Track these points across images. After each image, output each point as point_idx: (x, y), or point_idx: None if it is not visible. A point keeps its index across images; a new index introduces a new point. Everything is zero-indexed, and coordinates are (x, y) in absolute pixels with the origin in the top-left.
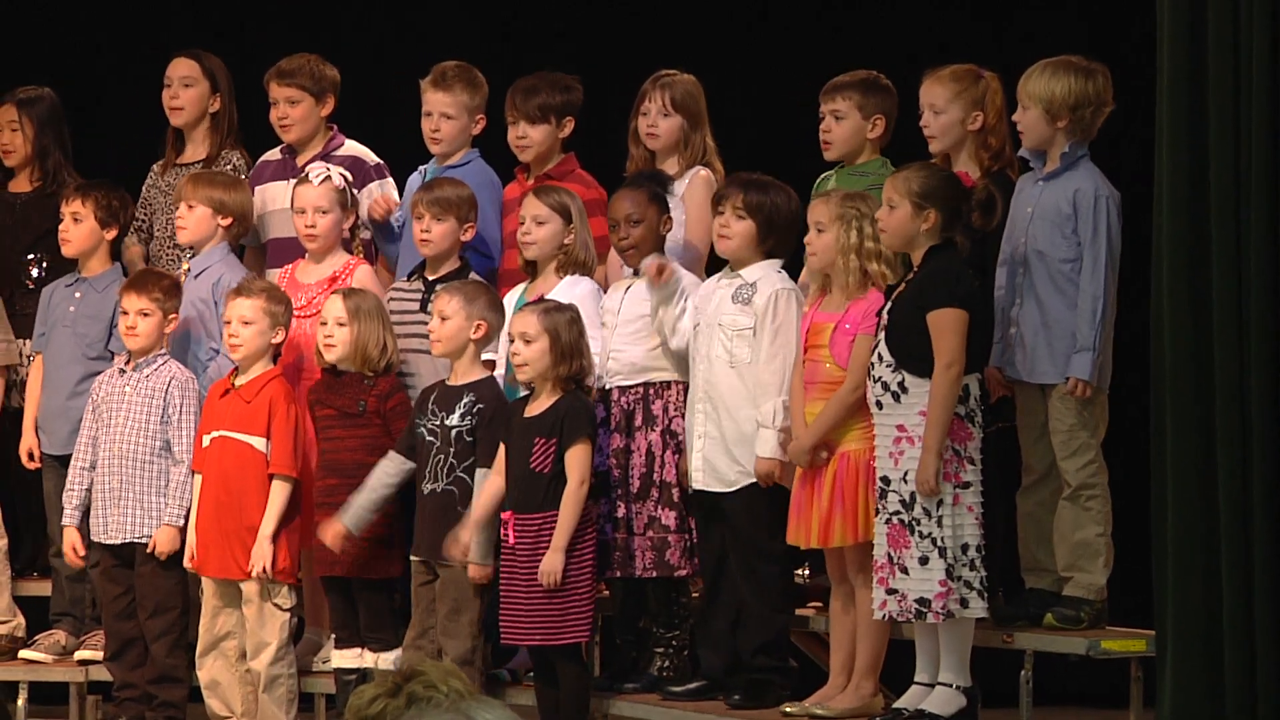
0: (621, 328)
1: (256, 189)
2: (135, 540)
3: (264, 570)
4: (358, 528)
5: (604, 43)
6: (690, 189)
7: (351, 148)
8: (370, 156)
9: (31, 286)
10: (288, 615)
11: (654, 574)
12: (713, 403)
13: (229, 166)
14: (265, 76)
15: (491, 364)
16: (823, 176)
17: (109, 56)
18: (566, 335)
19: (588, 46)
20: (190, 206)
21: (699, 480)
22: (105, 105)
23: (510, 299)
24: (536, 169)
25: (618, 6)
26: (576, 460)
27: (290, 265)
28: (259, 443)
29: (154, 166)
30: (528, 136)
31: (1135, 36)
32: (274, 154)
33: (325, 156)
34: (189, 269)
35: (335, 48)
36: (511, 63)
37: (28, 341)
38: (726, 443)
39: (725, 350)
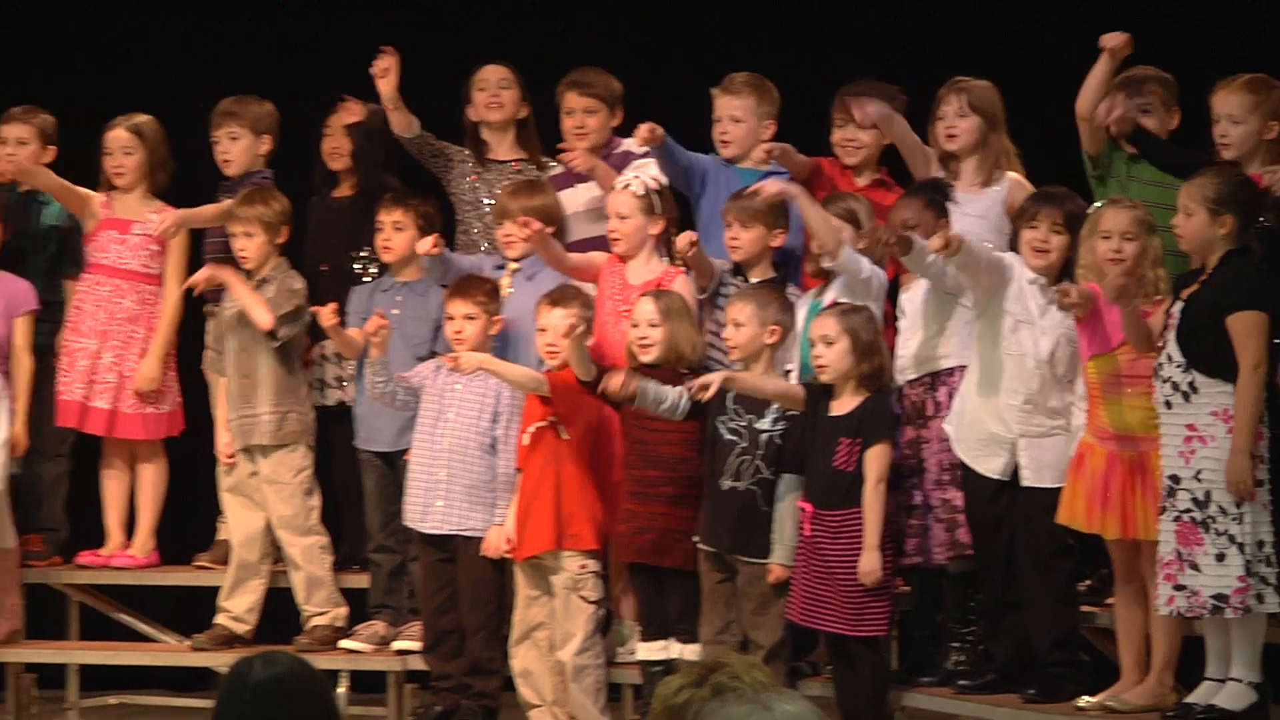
0: (901, 322)
1: None
2: (457, 533)
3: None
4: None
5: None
6: (1011, 196)
7: (628, 143)
8: (637, 148)
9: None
10: (594, 607)
11: (949, 554)
12: (1033, 404)
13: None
14: (559, 87)
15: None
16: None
17: (416, 64)
18: (865, 335)
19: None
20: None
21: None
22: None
23: (803, 304)
24: (867, 172)
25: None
26: (876, 460)
27: (620, 266)
28: (564, 432)
29: (465, 153)
30: (857, 139)
31: None
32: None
33: (607, 160)
34: (517, 269)
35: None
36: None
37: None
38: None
39: (1048, 353)
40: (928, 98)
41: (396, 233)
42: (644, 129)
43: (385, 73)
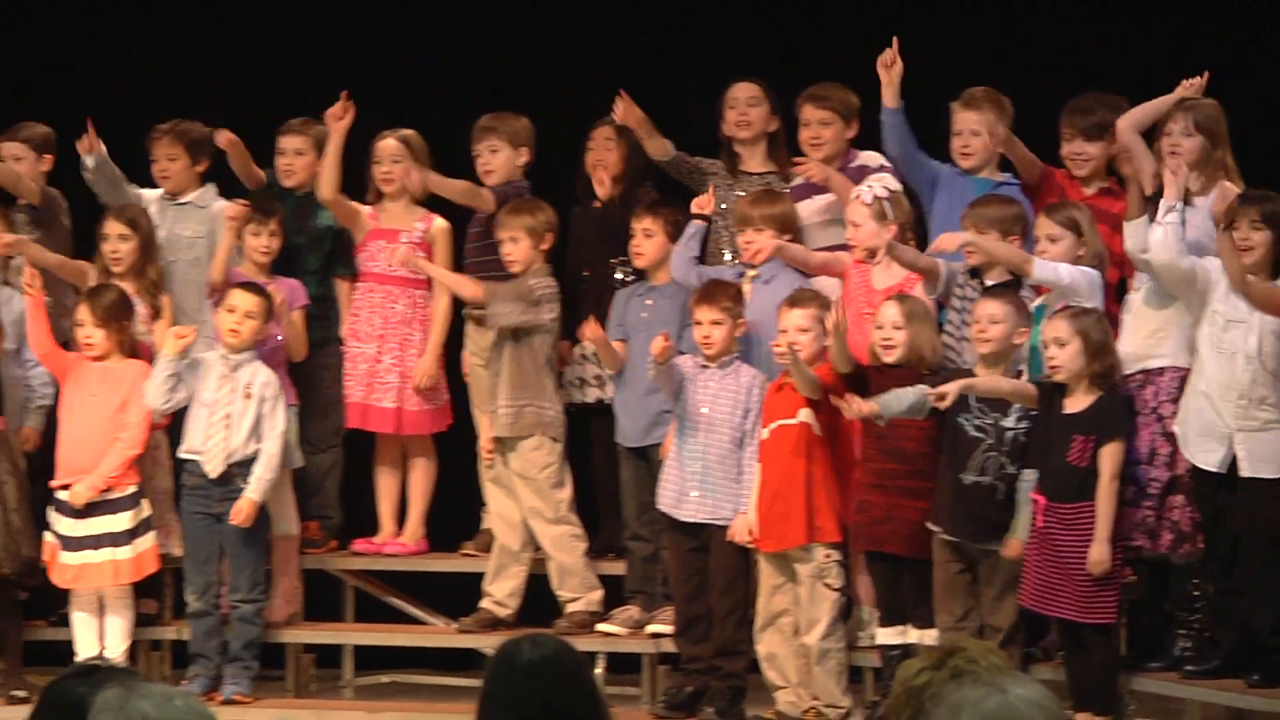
0: (1124, 318)
1: None
2: (710, 522)
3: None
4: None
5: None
6: (1215, 204)
7: (864, 157)
8: (875, 159)
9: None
10: (837, 594)
11: (1174, 545)
12: (1247, 399)
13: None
14: (798, 100)
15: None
16: None
17: (677, 74)
18: (1096, 335)
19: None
20: (758, 230)
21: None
22: (674, 125)
23: (1030, 307)
24: (1095, 182)
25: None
26: (1110, 457)
27: (864, 270)
28: (805, 414)
29: (714, 165)
30: (1085, 153)
31: None
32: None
33: (843, 171)
34: (755, 275)
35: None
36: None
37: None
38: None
39: (1255, 348)
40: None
41: (646, 239)
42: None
43: (628, 110)
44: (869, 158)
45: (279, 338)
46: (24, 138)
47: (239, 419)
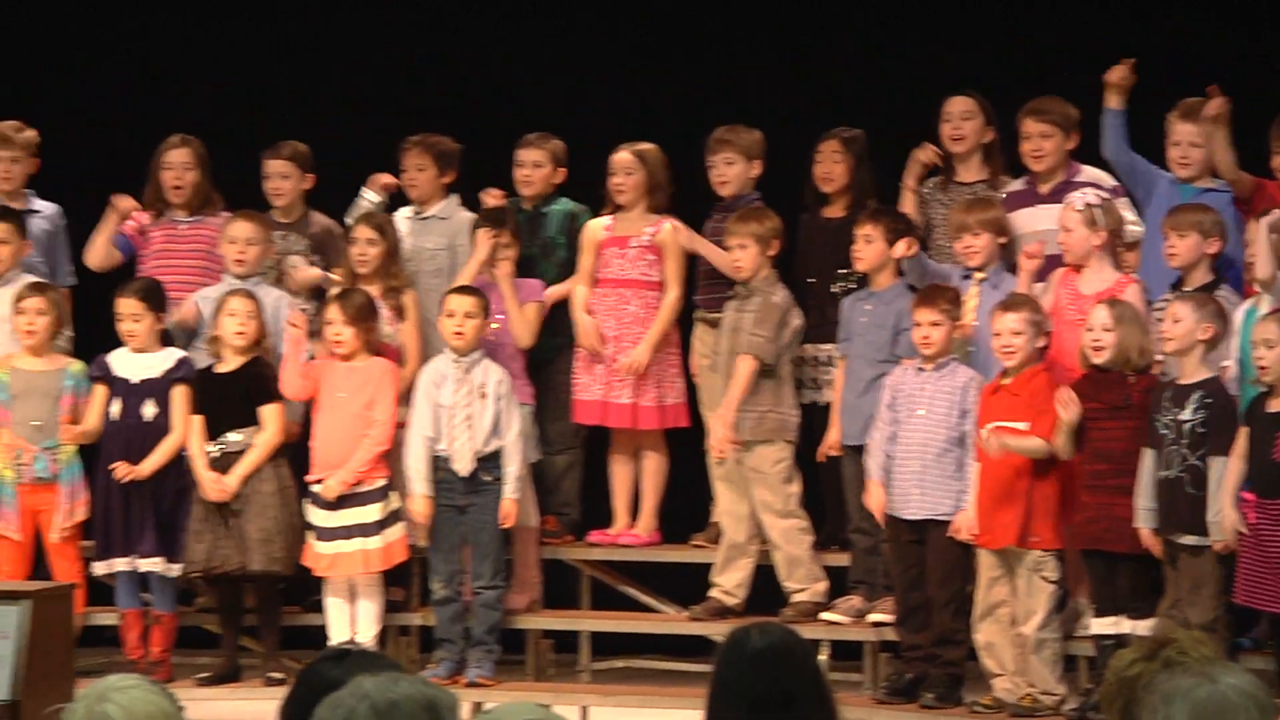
0: None
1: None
2: (930, 518)
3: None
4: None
5: None
6: None
7: (1089, 173)
8: (1106, 179)
9: (839, 296)
10: (1054, 586)
11: None
12: None
13: (1003, 193)
14: (1019, 113)
15: (1225, 369)
16: None
17: (897, 96)
18: None
19: None
20: (976, 234)
21: None
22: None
23: (1241, 309)
24: None
25: None
26: None
27: (1073, 276)
28: (1023, 427)
29: (930, 182)
30: None
31: None
32: (1017, 184)
33: (1067, 184)
34: (984, 278)
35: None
36: None
37: (834, 345)
38: None
39: None
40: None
41: (867, 245)
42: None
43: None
44: (1102, 176)
45: (499, 320)
46: (288, 155)
47: (479, 418)
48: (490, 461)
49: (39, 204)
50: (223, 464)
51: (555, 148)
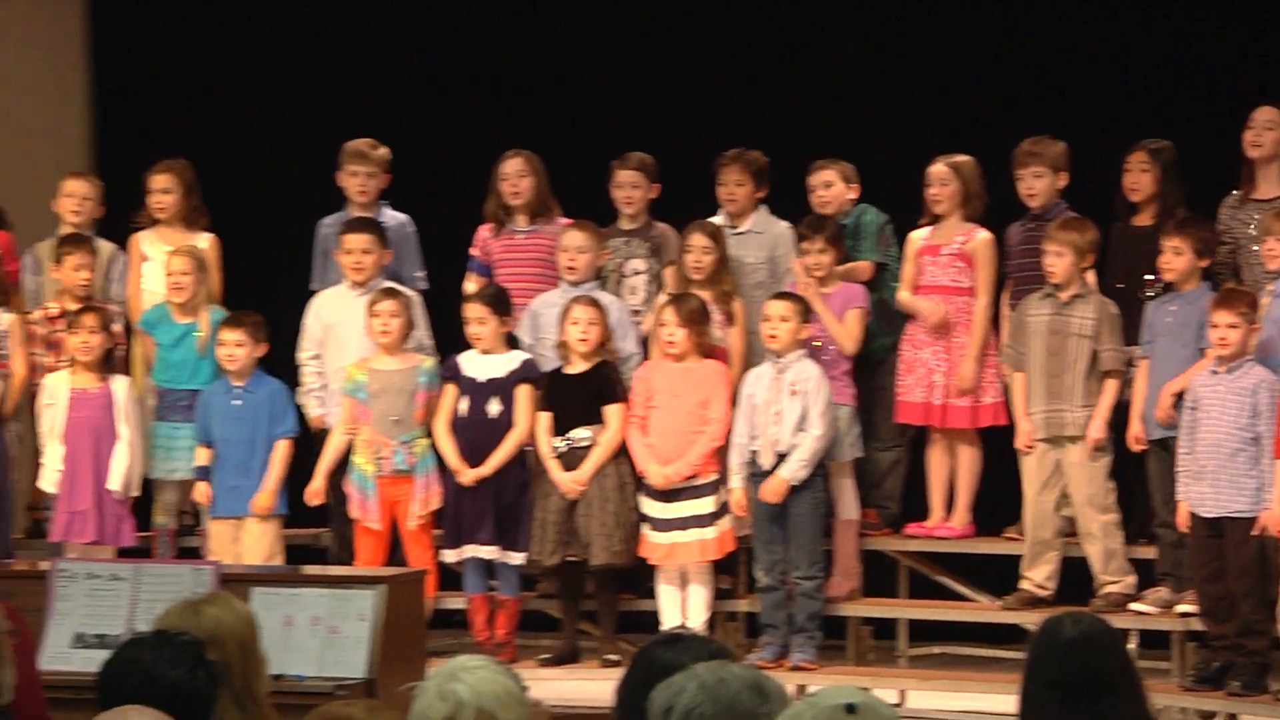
0: None
1: None
2: (1226, 515)
3: None
4: None
5: None
6: None
7: None
8: None
9: (1143, 301)
10: None
11: None
12: None
13: None
14: None
15: None
16: None
17: (1204, 106)
18: None
19: None
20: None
21: None
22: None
23: None
24: None
25: None
26: None
27: None
28: None
29: (1230, 198)
30: None
31: None
32: None
33: None
34: (1274, 289)
35: None
36: None
37: (1136, 349)
38: None
39: None
40: None
41: (1175, 256)
42: None
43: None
44: None
45: (820, 340)
46: (636, 165)
47: (786, 414)
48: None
49: (390, 215)
50: (568, 459)
51: (843, 169)
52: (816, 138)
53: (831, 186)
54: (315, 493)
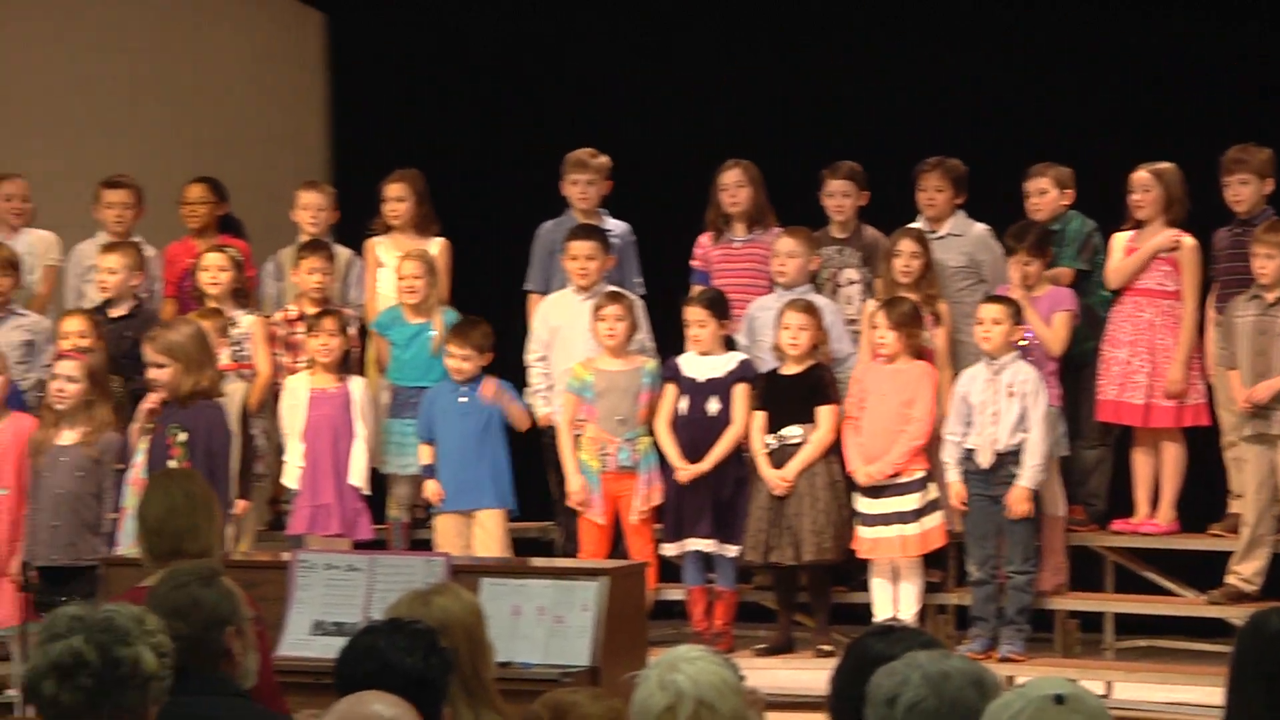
0: None
1: None
2: None
3: None
4: None
5: None
6: None
7: None
8: None
9: None
10: None
11: None
12: None
13: None
14: None
15: None
16: None
17: None
18: None
19: None
20: None
21: None
22: None
23: None
24: None
25: None
26: None
27: None
28: None
29: None
30: None
31: None
32: None
33: None
34: None
35: None
36: None
37: None
38: None
39: None
40: None
41: (1268, 260)
42: None
43: None
44: None
45: (1028, 339)
46: (847, 174)
47: (1004, 415)
48: (1017, 455)
49: (611, 222)
50: (779, 456)
51: (1059, 174)
52: (1024, 143)
53: (1045, 194)
54: (575, 494)
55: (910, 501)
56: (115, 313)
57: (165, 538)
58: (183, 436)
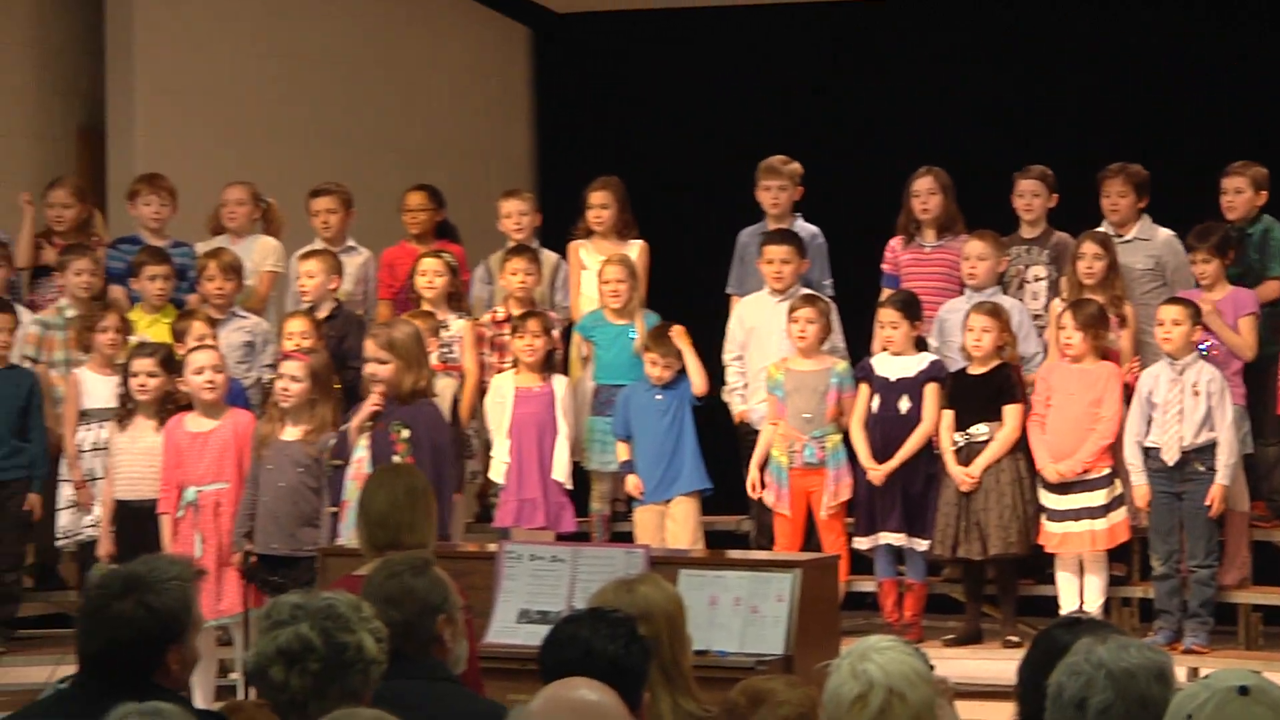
0: None
1: None
2: None
3: None
4: None
5: None
6: None
7: None
8: None
9: None
10: None
11: None
12: None
13: None
14: None
15: None
16: None
17: None
18: None
19: None
20: None
21: None
22: None
23: None
24: None
25: None
26: None
27: None
28: None
29: None
30: None
31: None
32: None
33: None
34: None
35: None
36: None
37: None
38: None
39: None
40: None
41: None
42: None
43: None
44: None
45: (1205, 348)
46: (1037, 176)
47: (1190, 414)
48: (1201, 453)
49: (803, 226)
50: (966, 454)
51: (1256, 174)
52: (1218, 146)
53: (1241, 193)
54: (753, 484)
55: (1097, 497)
56: (317, 315)
57: (386, 529)
58: (406, 433)
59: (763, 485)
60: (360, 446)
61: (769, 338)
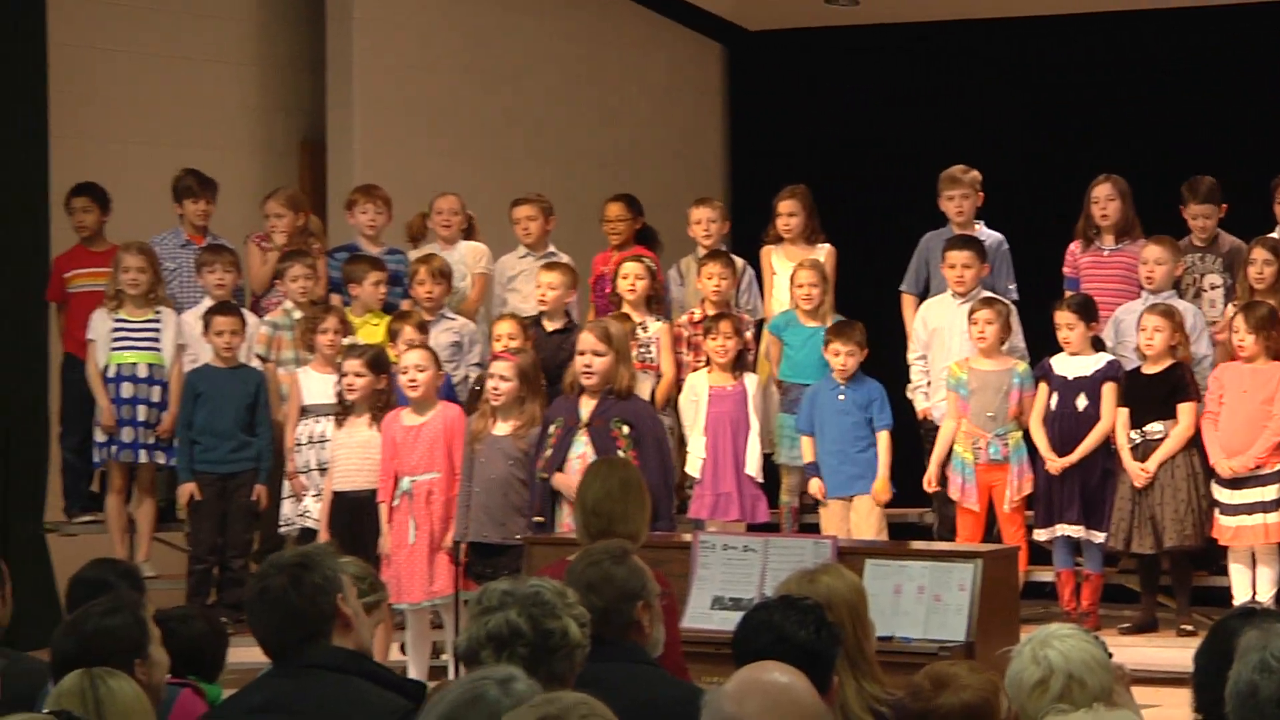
0: None
1: None
2: None
3: None
4: None
5: None
6: None
7: None
8: None
9: None
10: None
11: None
12: None
13: None
14: None
15: None
16: None
17: None
18: None
19: None
20: None
21: None
22: None
23: None
24: None
25: None
26: None
27: None
28: None
29: None
30: None
31: None
32: None
33: None
34: None
35: None
36: None
37: None
38: None
39: None
40: None
41: None
42: None
43: None
44: None
45: None
46: (1206, 189)
47: None
48: None
49: (985, 232)
50: (1142, 450)
51: None
52: None
53: None
54: (930, 479)
55: (1270, 491)
56: (551, 325)
57: (599, 518)
58: (626, 429)
59: (943, 480)
60: (580, 443)
61: (951, 338)
